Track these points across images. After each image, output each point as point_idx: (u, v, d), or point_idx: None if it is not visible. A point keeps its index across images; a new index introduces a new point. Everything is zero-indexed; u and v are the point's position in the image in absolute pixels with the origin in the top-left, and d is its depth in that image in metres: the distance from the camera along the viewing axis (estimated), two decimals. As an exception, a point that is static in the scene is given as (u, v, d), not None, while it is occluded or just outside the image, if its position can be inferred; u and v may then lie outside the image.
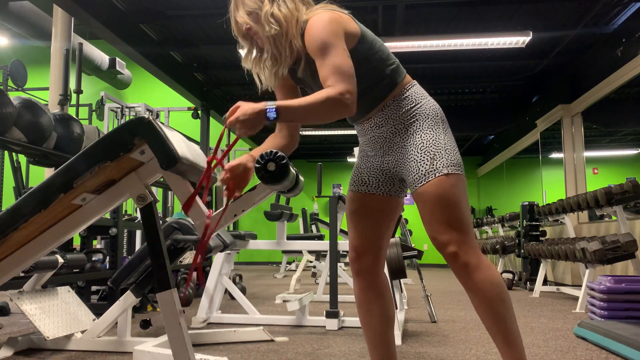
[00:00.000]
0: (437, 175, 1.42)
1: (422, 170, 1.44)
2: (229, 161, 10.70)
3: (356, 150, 3.18)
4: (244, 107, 1.34)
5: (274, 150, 1.41)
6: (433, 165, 1.43)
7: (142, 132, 1.43)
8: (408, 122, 1.50)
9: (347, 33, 1.44)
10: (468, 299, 5.12)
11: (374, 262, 1.58)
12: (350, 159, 13.04)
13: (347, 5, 1.58)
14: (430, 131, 1.48)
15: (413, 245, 5.65)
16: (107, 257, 4.02)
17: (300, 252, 7.23)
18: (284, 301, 4.67)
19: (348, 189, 1.65)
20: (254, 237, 3.78)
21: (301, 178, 1.59)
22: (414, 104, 1.51)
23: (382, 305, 1.57)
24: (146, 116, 1.46)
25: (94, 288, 4.22)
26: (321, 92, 1.36)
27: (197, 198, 1.51)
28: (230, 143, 1.58)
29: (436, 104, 1.55)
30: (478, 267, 1.40)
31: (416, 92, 1.54)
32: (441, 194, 1.42)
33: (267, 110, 1.32)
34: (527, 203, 6.34)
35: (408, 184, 1.50)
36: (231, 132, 8.54)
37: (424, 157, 1.45)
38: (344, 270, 6.00)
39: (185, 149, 1.50)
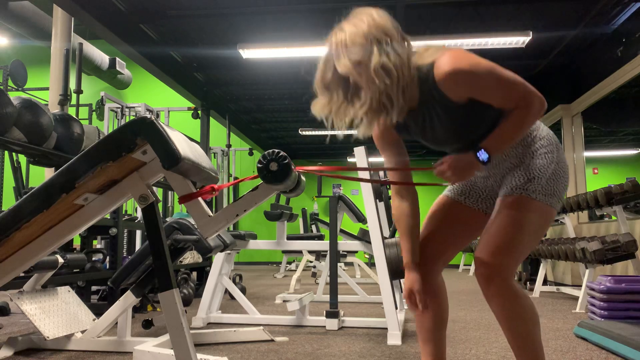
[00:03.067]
0: (523, 195, 1.42)
1: (514, 183, 1.45)
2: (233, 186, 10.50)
3: (358, 150, 3.18)
4: (453, 162, 1.38)
5: (276, 150, 1.42)
6: (527, 185, 1.43)
7: (144, 132, 1.43)
8: (522, 149, 1.48)
9: None
10: (468, 299, 5.13)
11: (438, 267, 1.59)
12: (350, 159, 13.03)
13: (347, 5, 1.58)
14: (543, 158, 1.46)
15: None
16: (107, 257, 4.02)
17: (300, 252, 7.23)
18: (284, 301, 4.67)
19: (444, 194, 1.64)
20: (254, 237, 3.78)
21: (303, 178, 1.59)
22: (530, 136, 1.50)
23: (437, 306, 1.58)
24: (148, 116, 1.46)
25: (94, 288, 4.21)
26: (515, 116, 1.36)
27: (200, 198, 1.51)
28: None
29: (550, 132, 1.53)
30: (501, 297, 1.41)
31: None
32: (514, 214, 1.41)
33: (479, 156, 1.37)
34: (527, 203, 6.34)
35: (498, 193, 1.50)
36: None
37: (523, 175, 1.45)
38: (344, 270, 6.00)
39: (187, 148, 1.50)
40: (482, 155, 1.36)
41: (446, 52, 1.36)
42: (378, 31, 1.34)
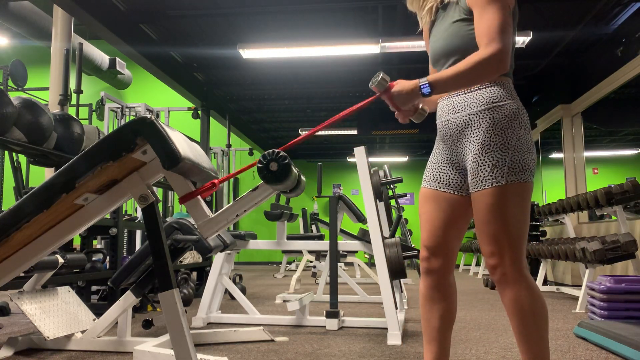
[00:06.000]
0: (493, 185, 1.41)
1: (480, 175, 1.43)
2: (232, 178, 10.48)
3: (358, 150, 3.18)
4: (400, 84, 1.40)
5: (277, 150, 1.41)
6: (493, 172, 1.41)
7: (144, 132, 1.43)
8: (483, 117, 1.46)
9: None
10: (468, 299, 5.13)
11: (445, 264, 1.56)
12: (350, 159, 13.03)
13: (347, 5, 1.59)
14: (502, 133, 1.44)
15: (413, 245, 5.65)
16: (107, 257, 4.02)
17: (300, 252, 7.23)
18: (284, 301, 4.67)
19: (421, 185, 1.63)
20: (254, 237, 3.78)
21: (303, 178, 1.59)
22: (496, 100, 1.47)
23: (446, 306, 1.57)
24: (148, 116, 1.46)
25: (94, 288, 4.22)
26: (473, 56, 1.38)
27: (200, 199, 1.51)
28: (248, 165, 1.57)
29: (521, 107, 1.50)
30: (512, 286, 1.42)
31: (505, 90, 1.48)
32: (494, 205, 1.41)
33: (421, 86, 1.37)
34: (527, 203, 6.33)
35: (468, 184, 1.50)
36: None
37: (486, 161, 1.43)
38: (344, 270, 6.00)
39: (187, 148, 1.50)
40: (425, 88, 1.38)
41: None
42: None
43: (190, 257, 4.87)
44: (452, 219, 1.56)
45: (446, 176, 1.57)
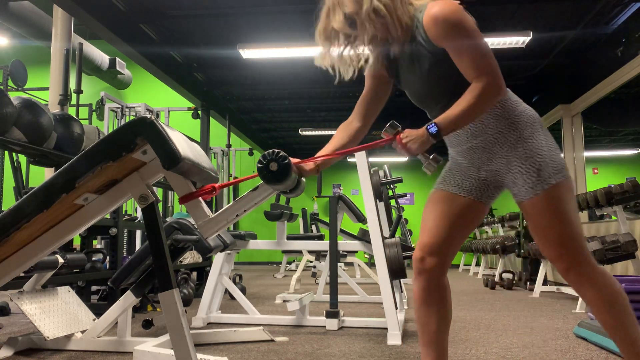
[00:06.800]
0: (545, 188, 1.43)
1: (529, 183, 1.44)
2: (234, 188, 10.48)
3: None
4: (407, 131, 1.40)
5: (276, 150, 1.42)
6: (540, 176, 1.43)
7: (144, 132, 1.43)
8: (507, 131, 1.47)
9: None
10: (468, 299, 5.13)
11: (439, 265, 1.54)
12: (350, 159, 13.03)
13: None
14: (531, 139, 1.46)
15: (413, 245, 5.64)
16: (107, 257, 4.02)
17: (300, 252, 7.22)
18: (284, 301, 4.67)
19: (435, 188, 1.61)
20: (254, 237, 3.78)
21: (303, 178, 1.59)
22: (512, 112, 1.48)
23: (442, 308, 1.55)
24: (148, 116, 1.46)
25: (94, 288, 4.21)
26: (470, 92, 1.37)
27: (200, 199, 1.51)
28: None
29: (531, 109, 1.52)
30: (587, 283, 1.44)
31: (512, 99, 1.50)
32: (549, 208, 1.43)
33: (428, 127, 1.37)
34: (527, 203, 6.32)
35: (514, 195, 1.50)
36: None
37: (530, 169, 1.44)
38: (344, 270, 6.00)
39: (187, 148, 1.50)
40: (432, 128, 1.37)
41: (442, 1, 1.43)
42: None
43: (190, 257, 4.87)
44: (463, 222, 1.55)
45: (469, 184, 1.57)
